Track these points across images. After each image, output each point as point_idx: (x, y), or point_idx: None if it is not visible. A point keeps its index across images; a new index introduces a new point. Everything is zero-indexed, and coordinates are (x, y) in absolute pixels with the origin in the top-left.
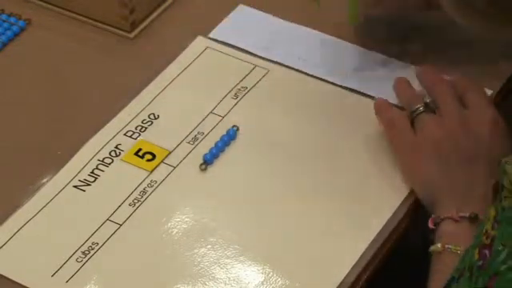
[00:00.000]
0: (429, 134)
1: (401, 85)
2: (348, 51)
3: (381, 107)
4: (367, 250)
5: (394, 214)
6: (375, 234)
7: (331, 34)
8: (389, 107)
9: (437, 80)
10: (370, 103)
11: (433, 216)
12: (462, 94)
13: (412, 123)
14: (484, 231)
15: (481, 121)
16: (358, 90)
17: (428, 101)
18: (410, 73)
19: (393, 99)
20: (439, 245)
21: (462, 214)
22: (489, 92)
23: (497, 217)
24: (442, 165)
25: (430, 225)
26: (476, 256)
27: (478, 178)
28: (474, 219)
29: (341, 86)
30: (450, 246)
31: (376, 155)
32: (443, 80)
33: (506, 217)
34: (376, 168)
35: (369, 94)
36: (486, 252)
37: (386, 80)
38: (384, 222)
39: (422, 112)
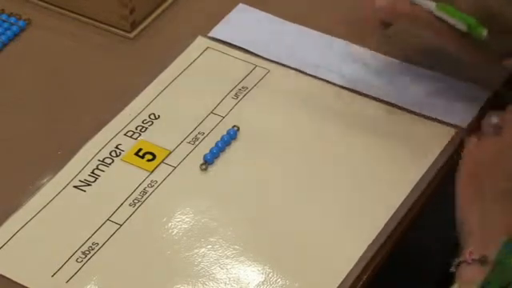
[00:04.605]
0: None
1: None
2: (348, 51)
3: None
4: (367, 250)
5: (395, 214)
6: (375, 234)
7: (331, 34)
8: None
9: None
10: (370, 103)
11: (454, 261)
12: None
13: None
14: None
15: None
16: (358, 90)
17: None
18: (410, 73)
19: (394, 100)
20: (455, 286)
21: (473, 257)
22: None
23: None
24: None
25: (452, 269)
26: None
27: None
28: (484, 261)
29: (341, 86)
30: None
31: (376, 155)
32: None
33: None
34: (376, 168)
35: (369, 94)
36: None
37: (385, 80)
38: (384, 223)
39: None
